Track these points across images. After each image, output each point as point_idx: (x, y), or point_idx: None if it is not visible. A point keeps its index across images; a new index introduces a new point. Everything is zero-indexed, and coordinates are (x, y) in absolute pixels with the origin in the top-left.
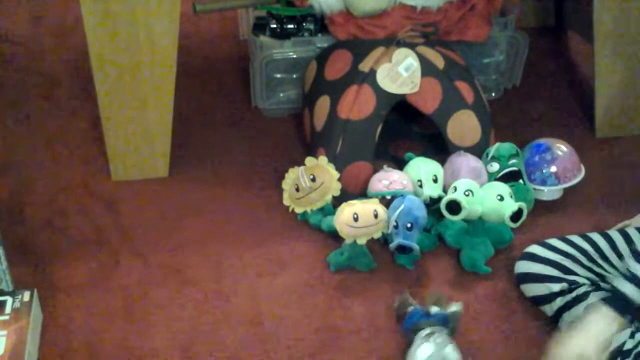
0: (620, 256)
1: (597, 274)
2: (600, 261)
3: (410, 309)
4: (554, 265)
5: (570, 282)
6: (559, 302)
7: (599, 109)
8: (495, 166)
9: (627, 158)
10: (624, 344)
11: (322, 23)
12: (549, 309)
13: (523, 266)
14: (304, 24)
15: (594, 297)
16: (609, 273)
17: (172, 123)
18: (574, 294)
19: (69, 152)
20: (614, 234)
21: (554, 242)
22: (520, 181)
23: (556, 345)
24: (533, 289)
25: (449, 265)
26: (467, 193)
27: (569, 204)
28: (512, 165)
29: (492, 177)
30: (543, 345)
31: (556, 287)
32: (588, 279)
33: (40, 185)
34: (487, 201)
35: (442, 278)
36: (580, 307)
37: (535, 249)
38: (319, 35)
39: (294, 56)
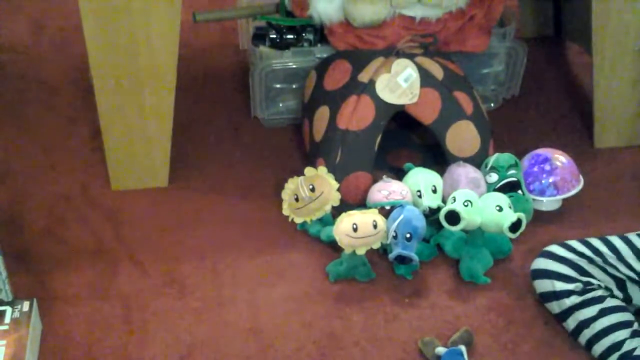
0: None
1: (611, 275)
2: (615, 263)
3: (440, 350)
4: (570, 265)
5: (585, 283)
6: (573, 299)
7: (598, 119)
8: (494, 176)
9: (626, 168)
10: (634, 349)
11: (321, 33)
12: (557, 306)
13: (540, 263)
14: (304, 35)
15: (610, 302)
16: (623, 275)
17: (171, 132)
18: (589, 295)
19: (68, 160)
20: (632, 236)
21: (574, 243)
22: (519, 192)
23: None
24: (545, 285)
25: (448, 275)
26: (466, 203)
27: (567, 215)
28: (511, 175)
29: (491, 187)
30: (542, 356)
31: (570, 285)
32: (603, 281)
33: (40, 194)
34: (486, 212)
35: (441, 288)
36: (595, 308)
37: (554, 248)
38: (319, 45)
39: (294, 66)
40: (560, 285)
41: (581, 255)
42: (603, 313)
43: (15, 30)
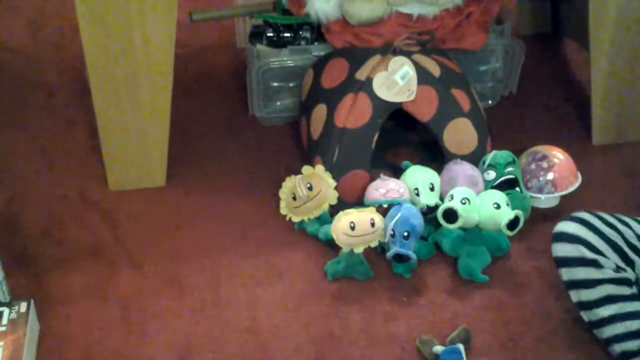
0: None
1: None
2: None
3: (438, 348)
4: (608, 243)
5: (618, 267)
6: (600, 274)
7: (596, 116)
8: (491, 174)
9: (624, 165)
10: None
11: (318, 31)
12: (571, 273)
13: (571, 227)
14: (301, 33)
15: (634, 289)
16: None
17: (169, 132)
18: (620, 275)
19: (66, 161)
20: None
21: (606, 216)
22: (517, 189)
23: None
24: (570, 250)
25: (446, 273)
26: (463, 201)
27: (565, 212)
28: (509, 173)
29: (488, 185)
30: (540, 354)
31: (609, 262)
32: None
33: (37, 195)
34: (484, 209)
35: (439, 286)
36: (625, 289)
37: (589, 217)
38: (316, 43)
39: (291, 64)
40: (592, 255)
41: (617, 231)
42: (633, 298)
43: (13, 30)
